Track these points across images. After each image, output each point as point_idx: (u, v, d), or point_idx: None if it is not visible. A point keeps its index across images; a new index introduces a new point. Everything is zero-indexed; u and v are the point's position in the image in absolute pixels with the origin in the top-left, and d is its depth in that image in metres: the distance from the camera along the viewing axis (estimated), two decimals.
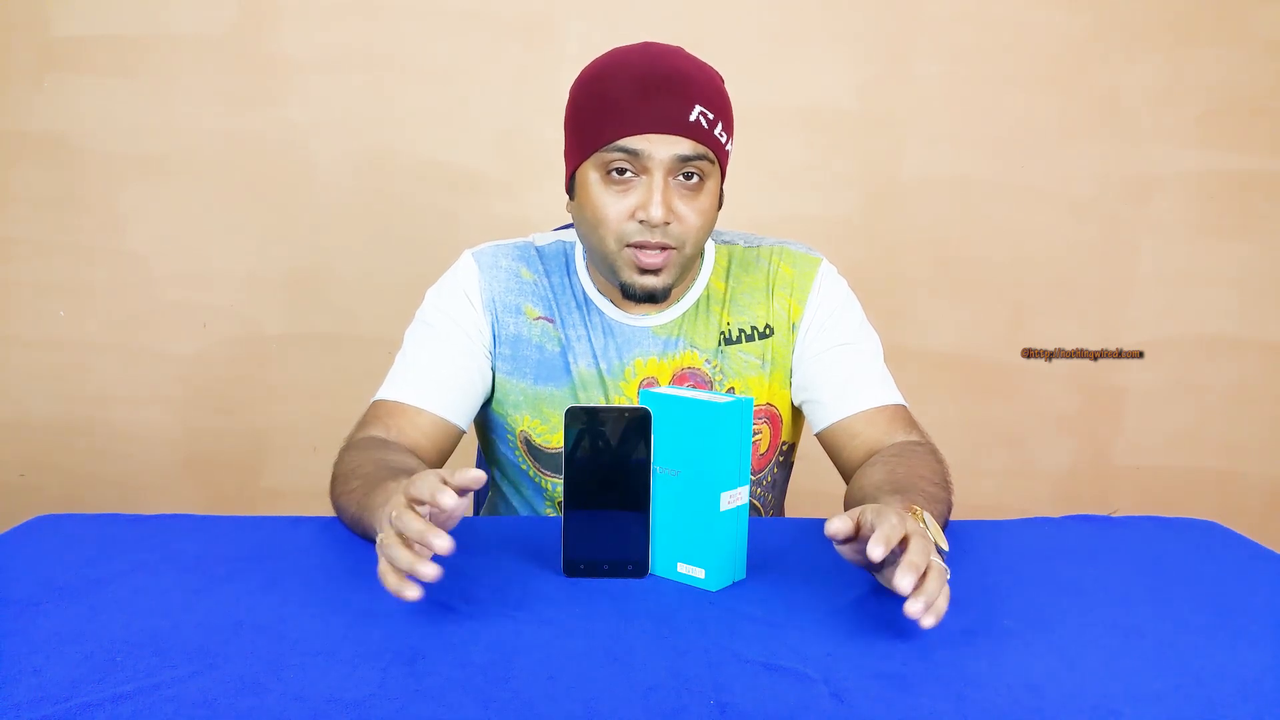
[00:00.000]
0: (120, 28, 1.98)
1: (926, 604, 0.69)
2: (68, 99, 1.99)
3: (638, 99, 0.99)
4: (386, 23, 1.99)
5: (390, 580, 0.71)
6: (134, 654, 0.69)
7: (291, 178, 2.03)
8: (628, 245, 1.03)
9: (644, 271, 1.04)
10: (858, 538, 0.77)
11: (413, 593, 0.70)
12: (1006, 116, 2.08)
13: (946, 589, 0.73)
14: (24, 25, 1.97)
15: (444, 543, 0.69)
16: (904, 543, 0.73)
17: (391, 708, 0.62)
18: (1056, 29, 2.05)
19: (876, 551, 0.70)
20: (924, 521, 0.81)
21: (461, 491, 0.73)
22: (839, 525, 0.75)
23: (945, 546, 0.81)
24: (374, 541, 0.81)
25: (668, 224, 1.01)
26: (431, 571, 0.69)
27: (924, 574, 0.71)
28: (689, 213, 1.03)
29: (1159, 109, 2.09)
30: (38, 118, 2.00)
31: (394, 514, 0.73)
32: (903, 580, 0.69)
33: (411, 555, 0.70)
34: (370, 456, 0.97)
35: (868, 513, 0.76)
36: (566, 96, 1.08)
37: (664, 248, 1.03)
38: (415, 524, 0.71)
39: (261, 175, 2.03)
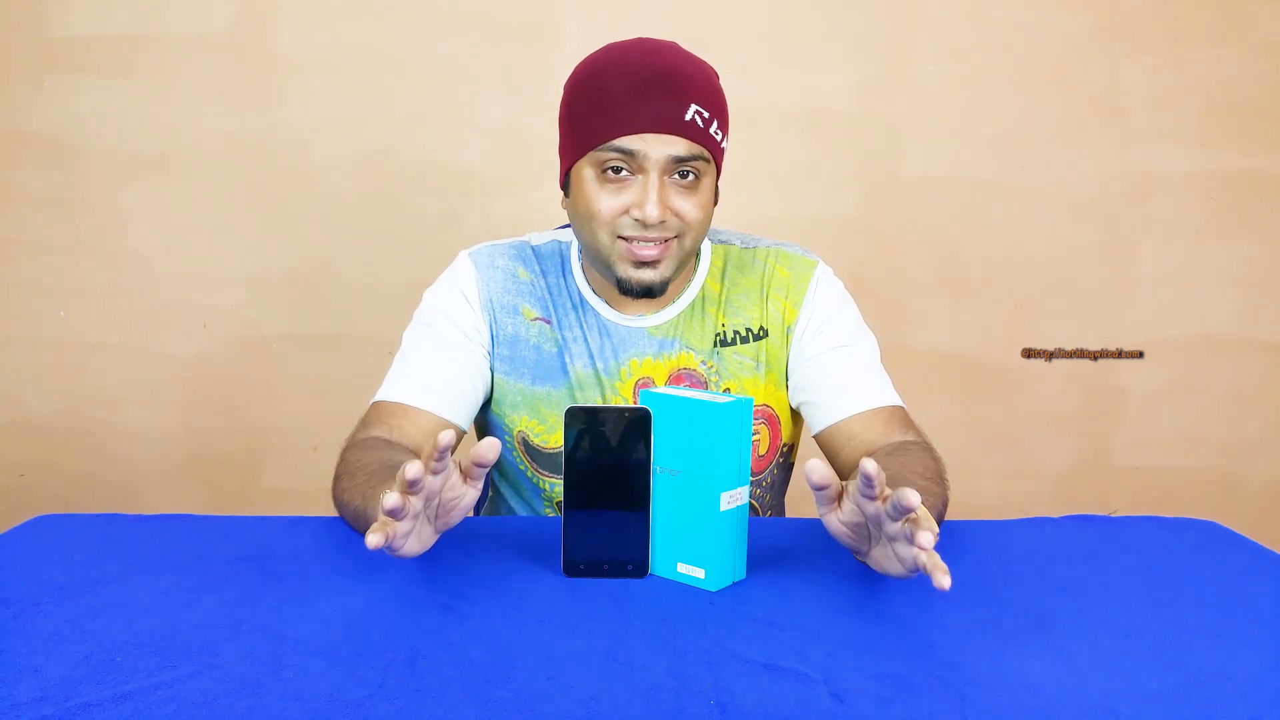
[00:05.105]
0: (120, 28, 1.98)
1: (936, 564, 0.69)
2: (68, 99, 1.99)
3: (633, 98, 0.99)
4: (386, 23, 1.99)
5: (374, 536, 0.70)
6: (134, 654, 0.69)
7: (291, 178, 2.03)
8: (620, 238, 1.03)
9: (640, 264, 1.04)
10: (839, 504, 0.78)
11: (372, 539, 0.69)
12: (1006, 116, 2.08)
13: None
14: (24, 25, 1.97)
15: (372, 539, 0.69)
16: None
17: (391, 707, 0.62)
18: (1056, 29, 2.05)
19: (925, 539, 0.69)
20: None
21: (480, 465, 0.75)
22: (821, 473, 0.74)
23: (935, 534, 0.81)
24: None
25: (663, 223, 1.01)
26: (371, 539, 0.68)
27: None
28: (687, 207, 1.03)
29: (1159, 109, 2.09)
30: (38, 118, 2.00)
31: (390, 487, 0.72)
32: (923, 538, 0.69)
33: (381, 523, 0.70)
34: (375, 455, 0.97)
35: (851, 485, 0.76)
36: None
37: (663, 239, 1.03)
38: (385, 501, 0.70)
39: (261, 175, 2.03)
